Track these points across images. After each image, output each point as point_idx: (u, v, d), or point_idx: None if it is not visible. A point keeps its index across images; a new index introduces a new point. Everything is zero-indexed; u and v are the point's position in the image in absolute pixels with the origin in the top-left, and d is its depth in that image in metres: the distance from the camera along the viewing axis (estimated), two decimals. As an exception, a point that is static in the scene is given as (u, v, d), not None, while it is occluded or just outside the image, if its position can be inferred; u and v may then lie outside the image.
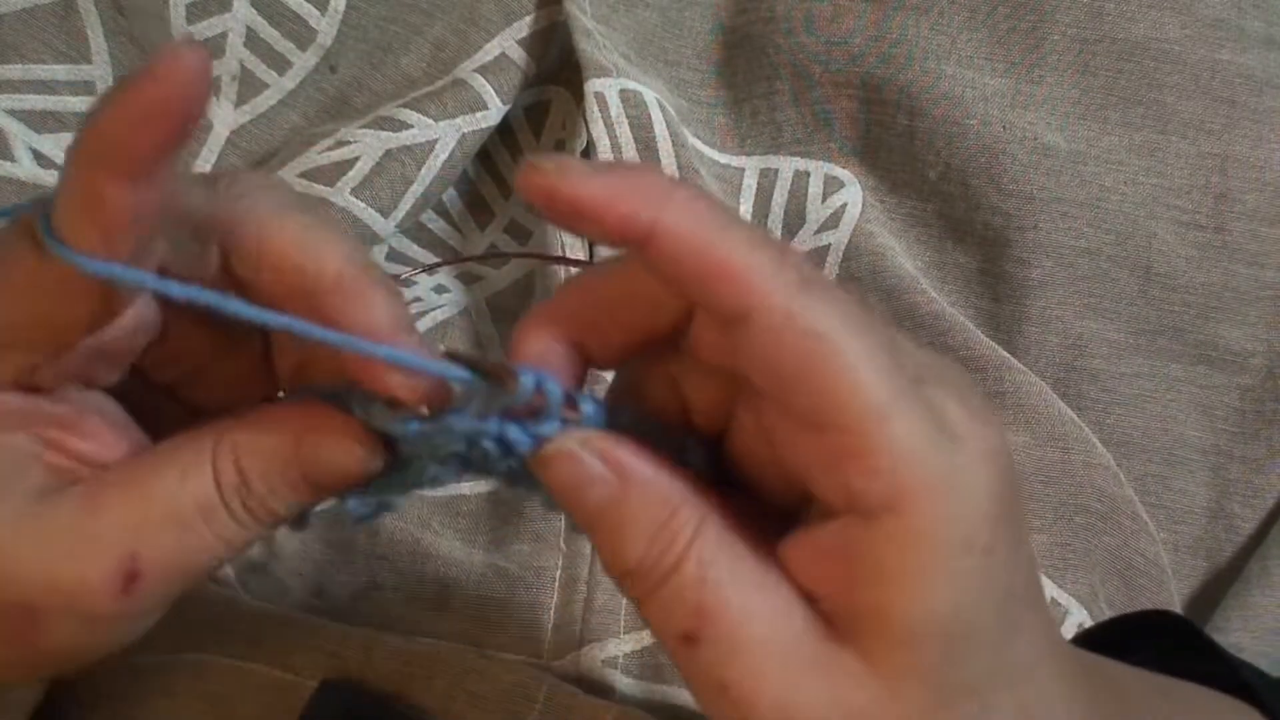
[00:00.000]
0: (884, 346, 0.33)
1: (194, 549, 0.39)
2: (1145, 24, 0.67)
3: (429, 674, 0.52)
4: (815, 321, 0.33)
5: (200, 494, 0.38)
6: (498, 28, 0.69)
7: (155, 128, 0.34)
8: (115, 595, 0.38)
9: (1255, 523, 0.69)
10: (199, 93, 0.34)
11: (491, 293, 0.69)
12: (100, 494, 0.38)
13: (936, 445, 0.33)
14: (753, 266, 0.33)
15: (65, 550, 0.38)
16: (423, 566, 0.61)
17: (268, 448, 0.39)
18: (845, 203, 0.69)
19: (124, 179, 0.35)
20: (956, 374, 0.36)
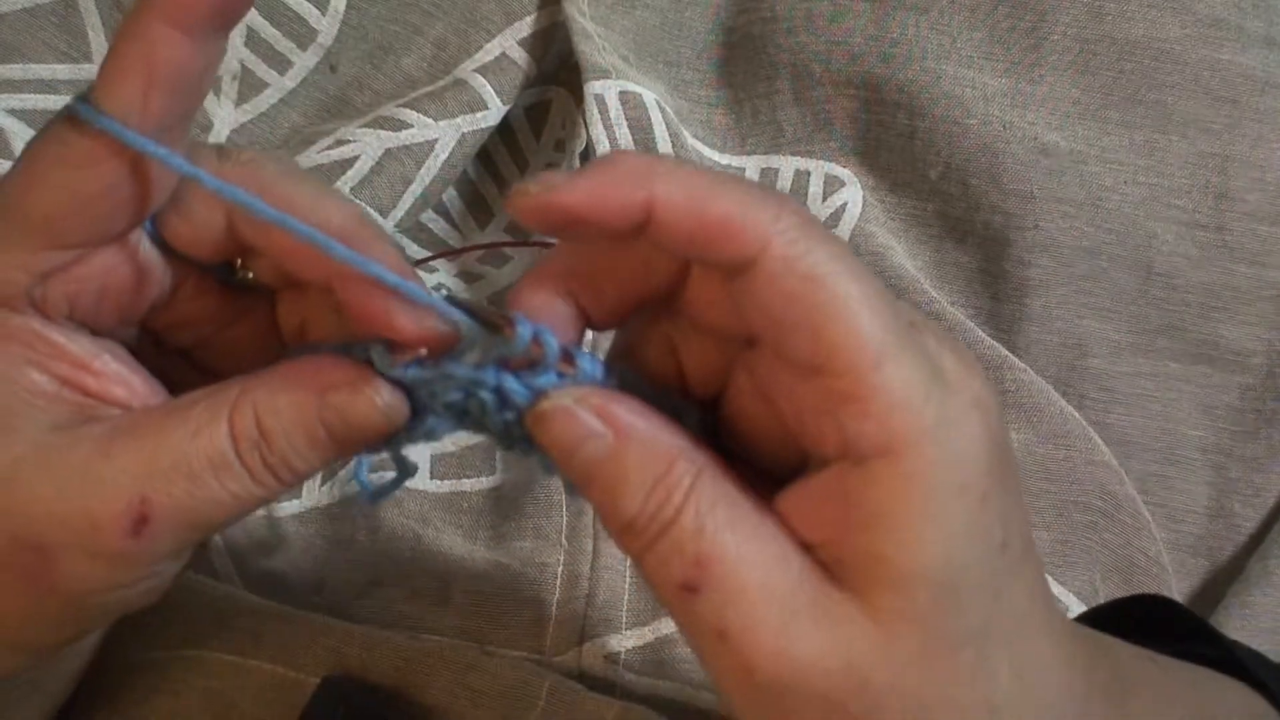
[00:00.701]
0: (881, 293, 0.34)
1: (204, 500, 0.39)
2: (1145, 24, 0.67)
3: (430, 671, 0.52)
4: (814, 266, 0.33)
5: (212, 448, 0.39)
6: (498, 28, 0.69)
7: None
8: (124, 535, 0.38)
9: (1255, 521, 0.69)
10: None
11: (492, 292, 0.69)
12: (114, 438, 0.39)
13: (931, 391, 0.33)
14: (750, 217, 0.33)
15: (76, 488, 0.38)
16: (424, 563, 0.61)
17: (290, 405, 0.39)
18: (845, 202, 0.69)
19: (179, 26, 0.36)
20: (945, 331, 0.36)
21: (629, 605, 0.60)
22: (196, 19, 0.36)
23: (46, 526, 0.38)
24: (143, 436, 0.39)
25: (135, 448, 0.39)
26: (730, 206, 0.33)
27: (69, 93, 0.67)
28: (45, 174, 0.38)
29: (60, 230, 0.38)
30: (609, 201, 0.34)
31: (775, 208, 0.34)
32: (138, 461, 0.38)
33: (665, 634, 0.60)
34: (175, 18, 0.36)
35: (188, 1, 0.36)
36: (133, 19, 0.36)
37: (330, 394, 0.39)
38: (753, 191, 0.34)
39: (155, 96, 0.36)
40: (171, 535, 0.39)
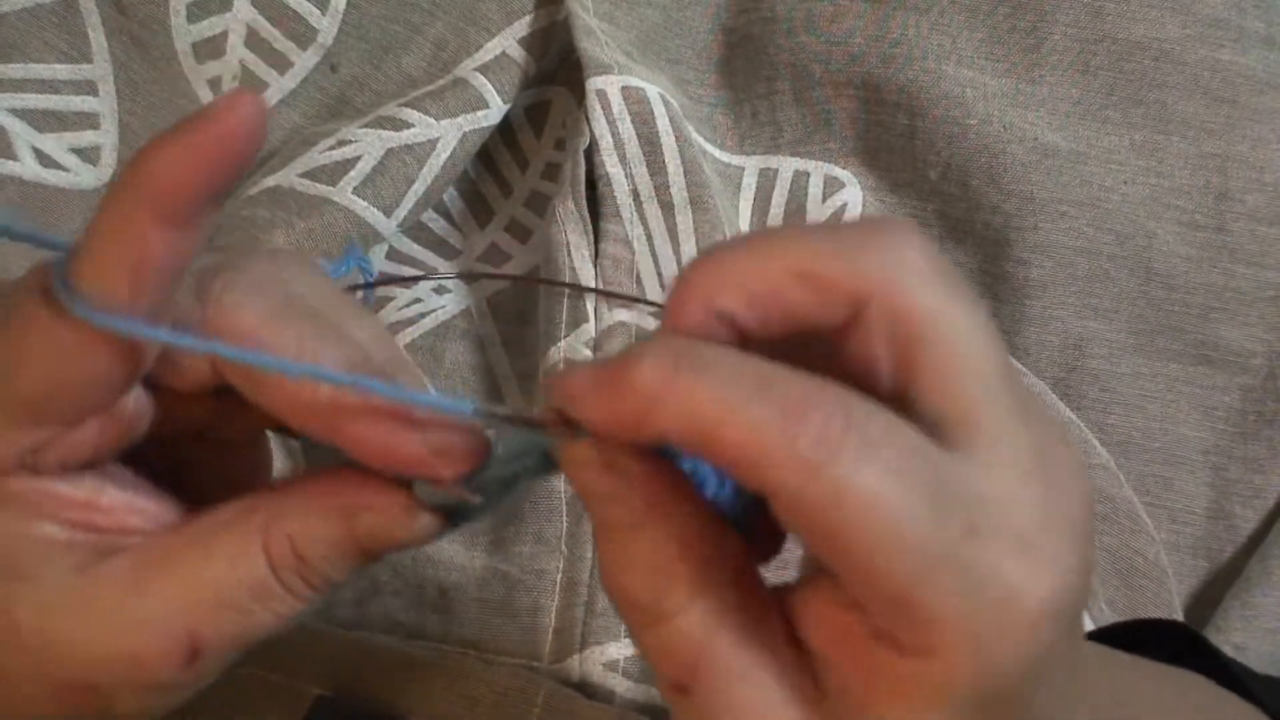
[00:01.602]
0: (926, 498, 0.31)
1: (252, 625, 0.39)
2: (1145, 24, 0.67)
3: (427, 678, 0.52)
4: (834, 500, 0.31)
5: (252, 579, 0.39)
6: (498, 27, 0.69)
7: (208, 170, 0.34)
8: (177, 669, 0.39)
9: (1256, 523, 0.69)
10: (255, 138, 0.34)
11: (492, 292, 0.69)
12: (145, 575, 0.39)
13: (965, 610, 0.32)
14: (765, 450, 0.31)
15: (116, 629, 0.38)
16: (423, 570, 0.61)
17: (324, 527, 0.39)
18: (845, 202, 0.69)
19: (168, 223, 0.35)
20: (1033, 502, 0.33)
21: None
22: (188, 212, 0.35)
23: (91, 670, 0.39)
24: (176, 570, 0.39)
25: (172, 584, 0.39)
26: (741, 438, 0.31)
27: (70, 92, 0.67)
28: (32, 358, 0.37)
29: (49, 411, 0.38)
30: (618, 431, 0.33)
31: (795, 426, 0.31)
32: (178, 597, 0.38)
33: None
34: (166, 213, 0.35)
35: (178, 196, 0.34)
36: (118, 207, 0.35)
37: (364, 516, 0.39)
38: (773, 408, 0.31)
39: (145, 290, 0.35)
40: (222, 658, 0.40)
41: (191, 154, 0.34)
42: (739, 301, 0.34)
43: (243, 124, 0.34)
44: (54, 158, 0.67)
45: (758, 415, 0.31)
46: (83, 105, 0.67)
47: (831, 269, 0.33)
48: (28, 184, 0.66)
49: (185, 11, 0.67)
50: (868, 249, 0.33)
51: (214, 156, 0.34)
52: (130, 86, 0.68)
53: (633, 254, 0.65)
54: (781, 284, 0.33)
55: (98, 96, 0.68)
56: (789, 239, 0.33)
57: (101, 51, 0.68)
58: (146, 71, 0.68)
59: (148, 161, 0.34)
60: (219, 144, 0.34)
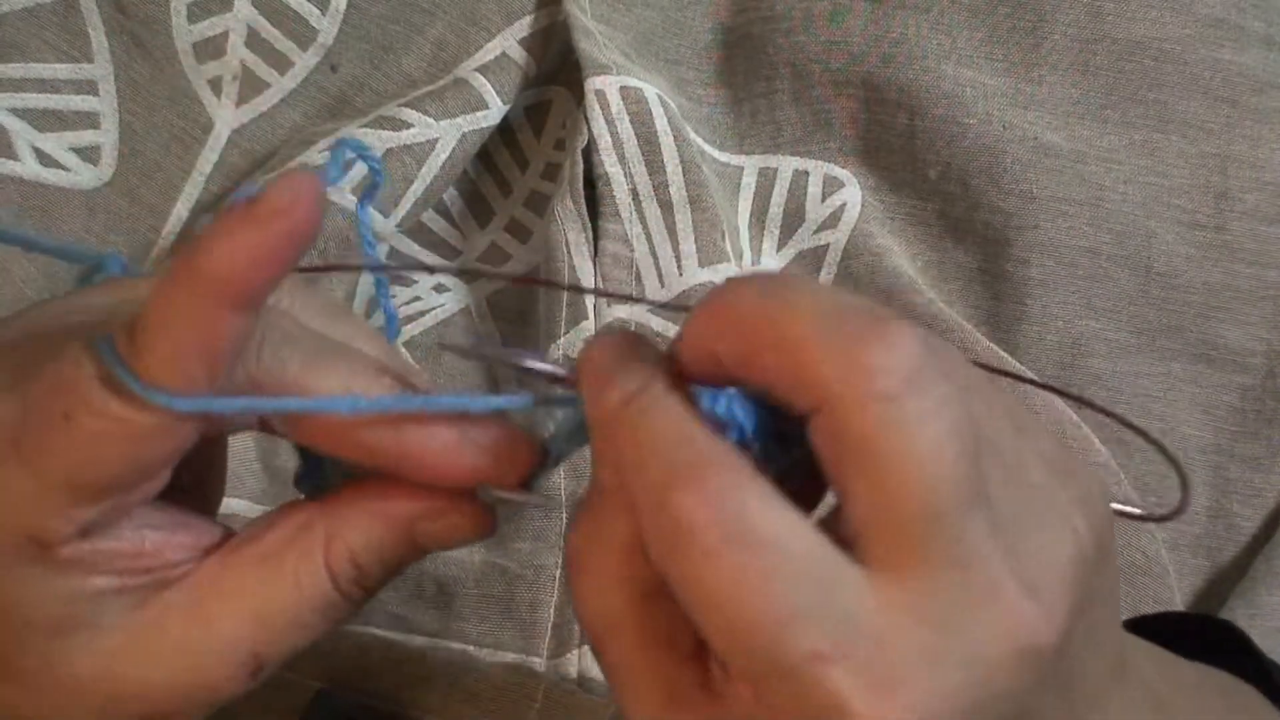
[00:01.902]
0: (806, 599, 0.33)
1: (310, 634, 0.40)
2: (1145, 24, 0.67)
3: (427, 673, 0.52)
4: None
5: (319, 597, 0.40)
6: (498, 27, 0.69)
7: (278, 260, 0.35)
8: (242, 684, 0.40)
9: (1256, 521, 0.69)
10: (317, 224, 0.35)
11: (492, 290, 0.69)
12: (207, 605, 0.39)
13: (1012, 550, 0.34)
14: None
15: (183, 664, 0.39)
16: (422, 564, 0.60)
17: (380, 542, 0.40)
18: (845, 202, 0.69)
19: (237, 309, 0.35)
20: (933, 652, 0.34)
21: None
22: (254, 297, 0.36)
23: (164, 703, 0.39)
24: (240, 597, 0.39)
25: (235, 612, 0.39)
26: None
27: (70, 92, 0.67)
28: (105, 448, 0.37)
29: (116, 491, 0.38)
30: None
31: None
32: (242, 624, 0.39)
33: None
34: (237, 301, 0.35)
35: (248, 285, 0.35)
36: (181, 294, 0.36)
37: (422, 524, 0.40)
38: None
39: (215, 369, 0.36)
40: (283, 663, 0.40)
41: (262, 246, 0.35)
42: (726, 355, 0.35)
43: (308, 216, 0.35)
44: (54, 157, 0.67)
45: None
46: (83, 105, 0.67)
47: (809, 363, 0.33)
48: (28, 183, 0.66)
49: (186, 11, 0.67)
50: (848, 353, 0.33)
51: (282, 248, 0.35)
52: (131, 86, 0.68)
53: (632, 252, 0.65)
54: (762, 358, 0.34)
55: (98, 96, 0.68)
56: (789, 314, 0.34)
57: (102, 51, 0.68)
58: (147, 71, 0.68)
59: (215, 249, 0.35)
60: (287, 236, 0.35)
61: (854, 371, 0.33)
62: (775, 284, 0.35)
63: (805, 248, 0.68)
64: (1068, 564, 0.35)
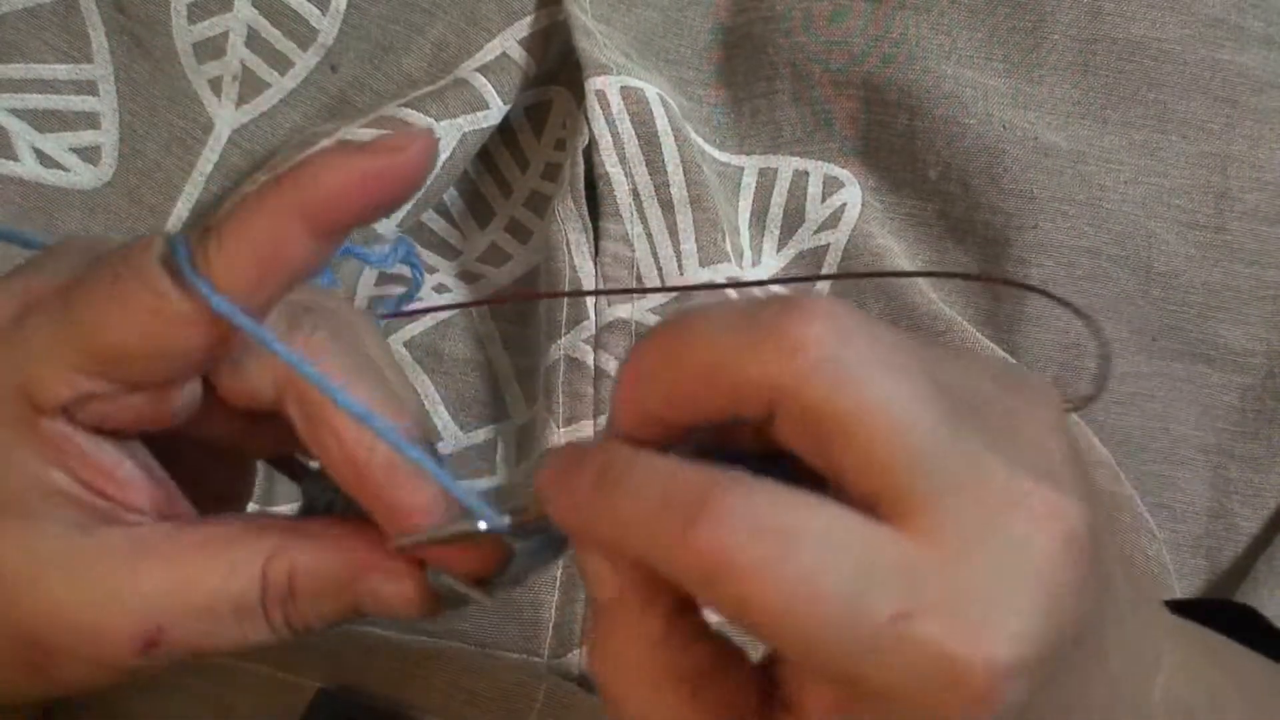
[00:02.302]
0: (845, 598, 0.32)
1: (216, 636, 0.40)
2: (1145, 24, 0.67)
3: (428, 673, 0.52)
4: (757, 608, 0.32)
5: (241, 595, 0.39)
6: (499, 27, 0.69)
7: (374, 194, 0.35)
8: (132, 655, 0.39)
9: (1256, 522, 0.69)
10: (423, 177, 0.35)
11: (493, 290, 0.69)
12: (143, 556, 0.39)
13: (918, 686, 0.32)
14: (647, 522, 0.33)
15: (98, 603, 0.39)
16: (423, 565, 0.61)
17: (325, 573, 0.39)
18: (845, 202, 0.69)
19: (313, 233, 0.36)
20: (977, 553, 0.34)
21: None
22: (336, 229, 0.36)
23: (61, 633, 0.39)
24: (172, 564, 0.39)
25: (162, 573, 0.39)
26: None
27: (70, 92, 0.67)
28: (132, 315, 0.37)
29: (123, 369, 0.38)
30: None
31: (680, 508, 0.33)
32: (161, 590, 0.39)
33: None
34: (317, 223, 0.35)
35: (335, 211, 0.35)
36: (273, 201, 0.36)
37: (369, 576, 0.39)
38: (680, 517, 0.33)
39: (269, 289, 0.37)
40: (173, 658, 0.40)
41: (363, 175, 0.35)
42: (661, 405, 0.34)
43: (419, 162, 0.35)
44: (54, 158, 0.67)
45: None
46: (83, 105, 0.68)
47: (737, 371, 0.33)
48: (28, 184, 0.66)
49: (186, 11, 0.67)
50: (769, 344, 0.33)
51: (384, 185, 0.35)
52: (131, 86, 0.68)
53: (633, 252, 0.65)
54: (693, 388, 0.34)
55: (98, 96, 0.68)
56: (695, 338, 0.34)
57: (102, 51, 0.68)
58: (147, 71, 0.68)
59: (318, 169, 0.35)
60: (392, 175, 0.35)
61: (780, 357, 0.33)
62: (670, 326, 0.34)
63: (805, 248, 0.68)
64: (1064, 456, 0.35)
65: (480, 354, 0.67)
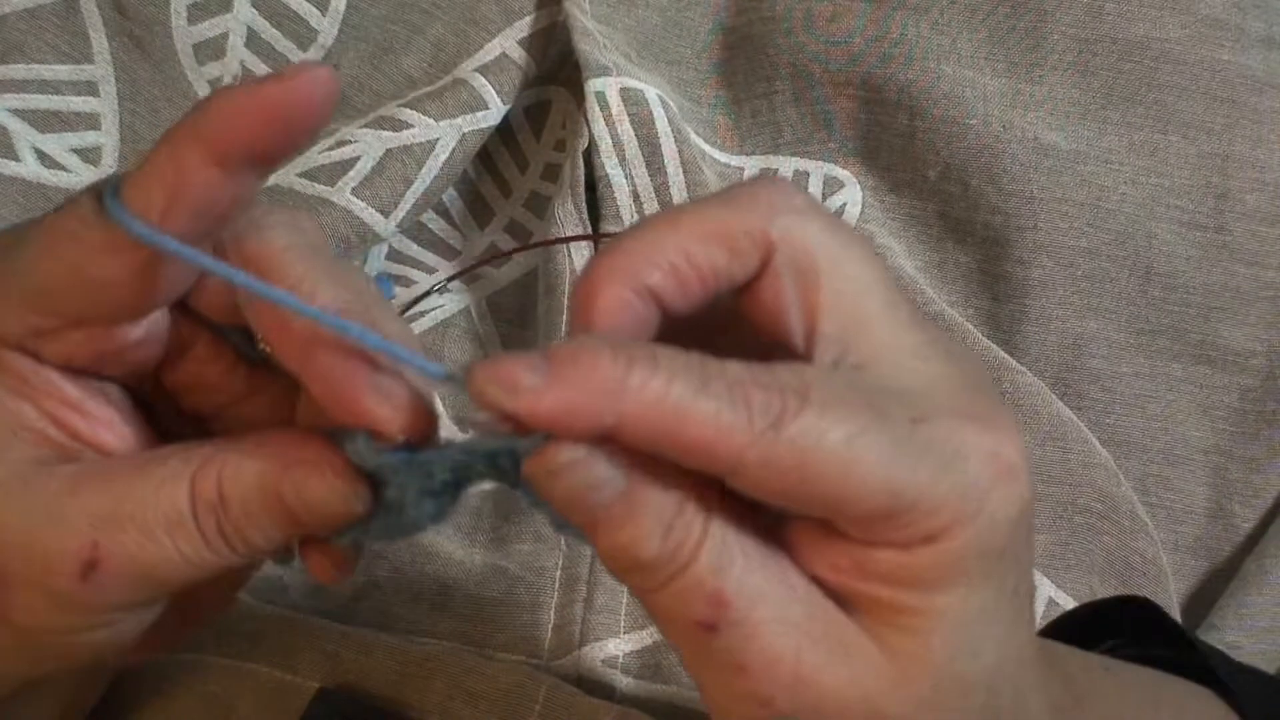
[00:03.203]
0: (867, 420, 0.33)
1: (154, 556, 0.39)
2: (1145, 24, 0.67)
3: (428, 674, 0.52)
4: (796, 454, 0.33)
5: (169, 505, 0.38)
6: (498, 27, 0.70)
7: (263, 125, 0.35)
8: (73, 577, 0.38)
9: (1255, 522, 0.69)
10: (319, 109, 0.35)
11: (492, 291, 0.69)
12: (83, 478, 0.39)
13: (952, 481, 0.33)
14: (722, 432, 0.33)
15: (39, 523, 0.38)
16: (423, 566, 0.61)
17: (252, 473, 0.38)
18: (845, 203, 0.69)
19: (214, 164, 0.36)
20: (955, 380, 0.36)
21: (627, 609, 0.60)
22: (232, 156, 0.36)
23: (7, 556, 0.39)
24: (109, 481, 0.39)
25: (99, 490, 0.38)
26: (700, 424, 0.33)
27: (71, 93, 0.67)
28: (58, 247, 0.38)
29: (59, 304, 0.38)
30: (573, 426, 0.33)
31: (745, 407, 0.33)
32: (98, 505, 0.38)
33: (663, 639, 0.60)
34: (212, 149, 0.35)
35: (229, 138, 0.35)
36: (176, 131, 0.36)
37: (295, 469, 0.38)
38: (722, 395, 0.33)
39: (177, 215, 0.36)
40: (119, 585, 0.39)
41: (253, 104, 0.35)
42: (659, 275, 0.35)
43: (310, 91, 0.35)
44: (55, 158, 0.67)
45: (712, 403, 0.33)
46: (84, 106, 0.68)
47: (738, 225, 0.35)
48: (30, 184, 0.66)
49: (186, 13, 0.68)
50: (762, 203, 0.36)
51: (273, 113, 0.35)
52: (131, 87, 0.68)
53: None
54: (696, 250, 0.35)
55: (99, 97, 0.68)
56: (693, 210, 0.36)
57: (102, 52, 0.68)
58: (147, 72, 0.68)
59: (212, 100, 0.35)
60: (282, 103, 0.35)
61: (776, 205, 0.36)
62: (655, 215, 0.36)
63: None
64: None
65: (480, 355, 0.67)
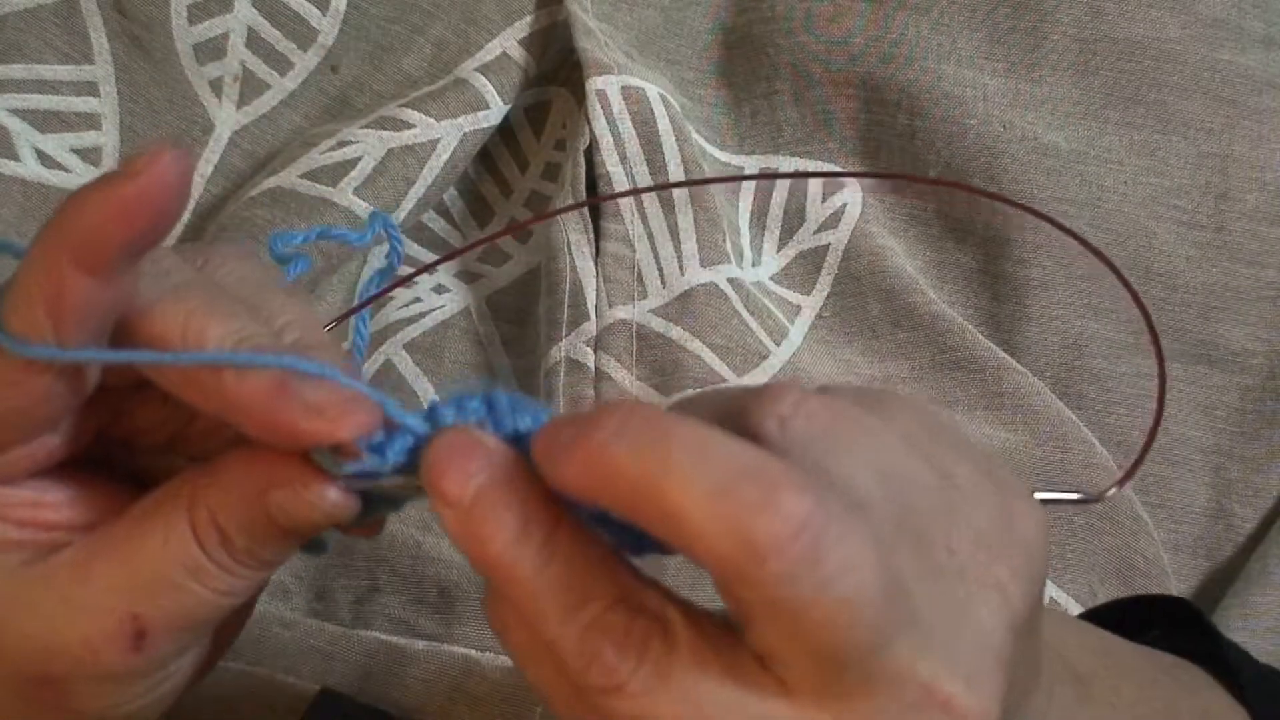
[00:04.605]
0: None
1: (193, 605, 0.39)
2: (1145, 24, 0.67)
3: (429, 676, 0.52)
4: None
5: (184, 555, 0.39)
6: (499, 27, 0.69)
7: (124, 224, 0.35)
8: (126, 652, 0.39)
9: (1255, 522, 0.69)
10: (176, 195, 0.35)
11: (492, 291, 0.69)
12: (89, 561, 0.39)
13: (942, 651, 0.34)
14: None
15: (63, 619, 0.38)
16: (424, 570, 0.61)
17: (239, 504, 0.39)
18: (845, 203, 0.69)
19: (85, 270, 0.35)
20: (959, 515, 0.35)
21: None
22: (105, 261, 0.35)
23: (46, 661, 0.39)
24: (115, 554, 0.39)
25: (111, 568, 0.39)
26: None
27: (71, 93, 0.67)
28: None
29: None
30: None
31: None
32: (118, 581, 0.38)
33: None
34: (84, 260, 0.35)
35: (95, 245, 0.35)
36: (42, 248, 0.36)
37: (273, 493, 0.38)
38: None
39: (69, 329, 0.36)
40: (171, 640, 0.39)
41: (109, 208, 0.35)
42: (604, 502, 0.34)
43: (160, 183, 0.35)
44: (55, 158, 0.67)
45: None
46: (84, 106, 0.68)
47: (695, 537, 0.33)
48: (29, 185, 0.66)
49: (186, 13, 0.67)
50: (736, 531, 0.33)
51: (130, 213, 0.35)
52: (131, 87, 0.68)
53: (634, 252, 0.65)
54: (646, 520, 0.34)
55: (99, 97, 0.68)
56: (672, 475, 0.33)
57: (103, 52, 0.68)
58: (148, 72, 0.68)
59: (71, 209, 0.35)
60: (136, 201, 0.35)
61: (748, 554, 0.32)
62: (648, 438, 0.34)
63: (805, 248, 0.69)
64: (1000, 642, 0.36)
65: (480, 356, 0.67)
